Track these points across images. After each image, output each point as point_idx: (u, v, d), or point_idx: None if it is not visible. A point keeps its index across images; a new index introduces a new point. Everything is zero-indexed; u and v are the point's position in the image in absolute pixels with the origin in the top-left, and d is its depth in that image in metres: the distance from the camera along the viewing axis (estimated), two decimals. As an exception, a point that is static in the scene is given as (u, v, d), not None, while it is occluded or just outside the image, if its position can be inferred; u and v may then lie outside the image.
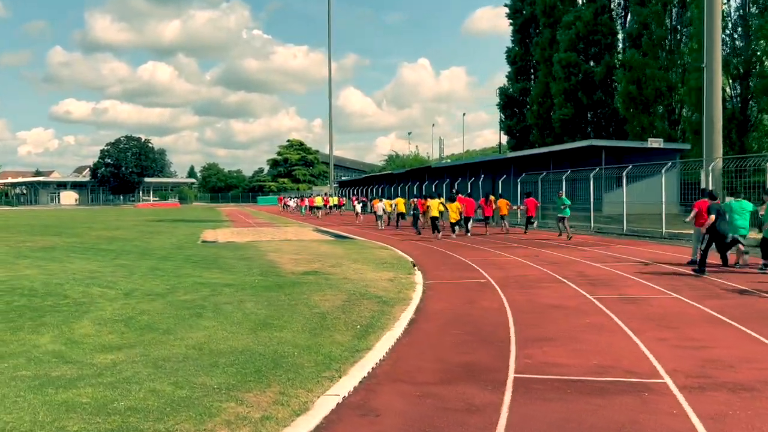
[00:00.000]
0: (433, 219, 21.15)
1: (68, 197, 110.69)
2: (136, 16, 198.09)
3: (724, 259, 12.08)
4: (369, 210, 36.11)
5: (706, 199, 12.20)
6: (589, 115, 40.30)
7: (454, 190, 41.08)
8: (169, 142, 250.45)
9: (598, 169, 23.70)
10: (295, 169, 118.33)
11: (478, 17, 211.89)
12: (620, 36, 39.97)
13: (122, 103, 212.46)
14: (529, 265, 13.13)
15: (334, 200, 53.30)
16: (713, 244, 11.54)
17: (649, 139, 28.45)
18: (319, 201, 60.97)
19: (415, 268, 12.61)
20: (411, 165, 68.39)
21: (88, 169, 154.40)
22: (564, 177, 25.17)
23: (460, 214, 21.28)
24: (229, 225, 31.84)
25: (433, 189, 39.66)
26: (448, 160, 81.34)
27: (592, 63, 39.83)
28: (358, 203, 38.17)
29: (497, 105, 51.26)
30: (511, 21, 49.54)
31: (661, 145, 28.62)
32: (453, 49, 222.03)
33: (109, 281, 10.50)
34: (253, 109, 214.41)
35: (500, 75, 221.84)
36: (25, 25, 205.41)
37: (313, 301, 8.54)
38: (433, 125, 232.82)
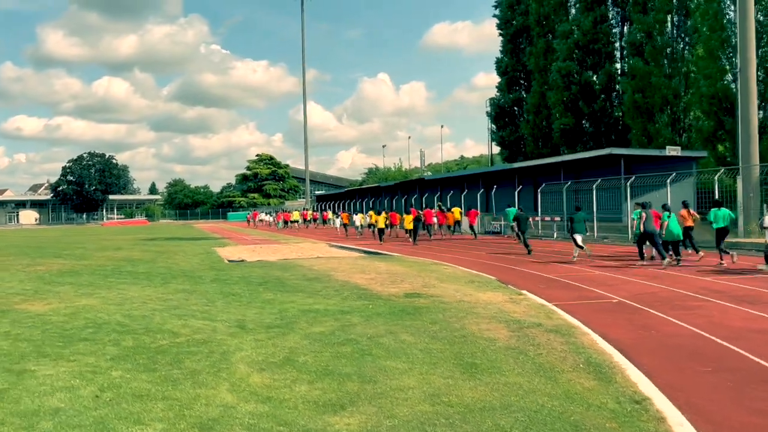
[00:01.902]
0: (380, 230, 27.61)
1: (28, 216, 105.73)
2: (90, 31, 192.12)
3: None
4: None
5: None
6: (588, 125, 40.04)
7: (439, 203, 40.35)
8: (126, 158, 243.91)
9: (634, 177, 23.08)
10: (265, 183, 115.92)
11: (436, 32, 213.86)
12: (617, 45, 39.92)
13: (76, 119, 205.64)
14: (630, 280, 12.18)
15: (309, 214, 55.70)
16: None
17: (668, 147, 28.13)
18: (296, 215, 60.87)
19: (509, 286, 11.51)
20: (395, 178, 67.44)
21: (44, 186, 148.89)
22: (595, 186, 24.51)
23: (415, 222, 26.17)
24: (230, 243, 30.12)
25: (404, 202, 39.14)
26: (429, 173, 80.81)
27: (590, 72, 39.63)
28: (337, 218, 40.05)
29: (488, 115, 50.83)
30: (501, 31, 49.29)
31: (679, 153, 28.36)
32: (412, 64, 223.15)
33: (196, 311, 9.09)
34: (212, 124, 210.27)
35: (460, 89, 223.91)
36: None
37: (479, 332, 7.35)
38: (410, 137, 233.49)
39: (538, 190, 28.40)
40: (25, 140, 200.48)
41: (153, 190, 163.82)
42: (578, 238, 16.14)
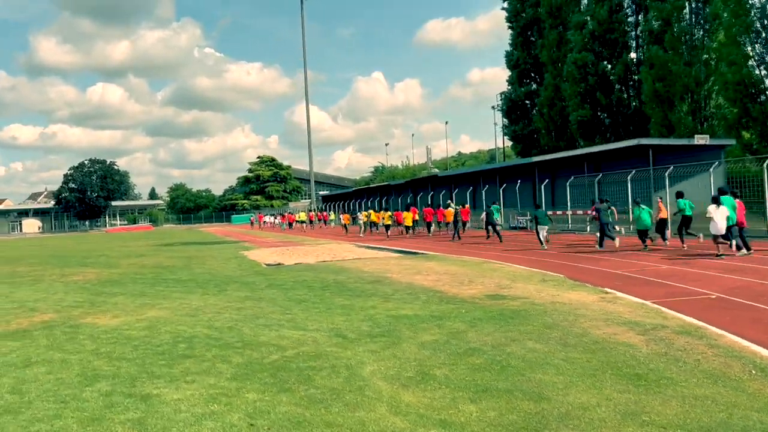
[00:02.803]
0: (386, 226, 32.15)
1: (31, 225, 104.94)
2: (83, 38, 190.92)
3: None
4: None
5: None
6: (605, 116, 39.56)
7: (449, 201, 39.87)
8: (122, 164, 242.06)
9: (672, 167, 22.59)
10: (267, 185, 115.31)
11: (430, 29, 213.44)
12: (632, 34, 39.41)
13: (71, 126, 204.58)
14: (709, 274, 11.70)
15: (303, 215, 58.52)
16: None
17: (696, 136, 27.65)
18: (303, 216, 61.79)
19: (587, 284, 11.04)
20: (403, 176, 66.89)
21: (44, 194, 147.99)
22: (629, 177, 24.02)
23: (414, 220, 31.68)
24: (252, 246, 29.56)
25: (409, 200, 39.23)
26: (436, 169, 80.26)
27: (605, 62, 39.15)
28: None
29: (500, 110, 50.36)
30: (510, 24, 48.78)
31: (708, 142, 27.91)
32: (406, 62, 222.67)
33: (281, 320, 8.58)
34: (207, 127, 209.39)
35: (454, 85, 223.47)
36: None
37: (608, 337, 6.86)
38: (413, 135, 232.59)
39: (567, 183, 27.88)
40: (21, 149, 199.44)
41: (153, 195, 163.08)
42: (542, 231, 18.98)
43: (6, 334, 8.58)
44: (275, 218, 72.89)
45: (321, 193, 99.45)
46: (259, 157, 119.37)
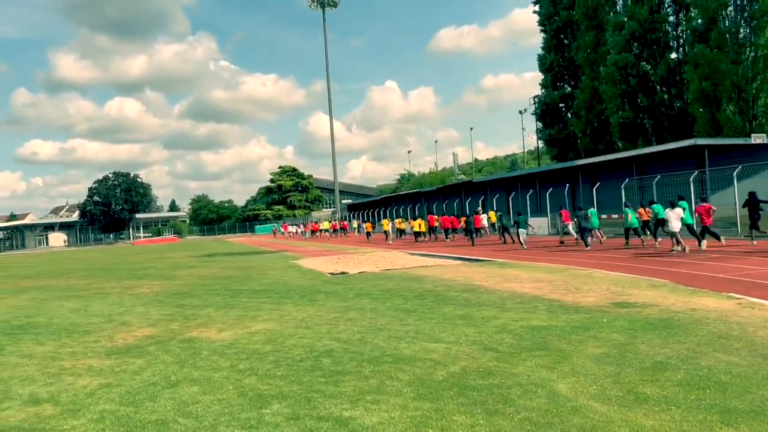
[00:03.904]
0: (416, 233, 34.42)
1: (57, 239, 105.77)
2: (101, 54, 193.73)
3: None
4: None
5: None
6: (646, 118, 38.75)
7: (478, 208, 39.30)
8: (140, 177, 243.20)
9: (740, 167, 21.80)
10: (289, 195, 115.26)
11: (442, 37, 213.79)
12: (672, 34, 38.63)
13: (90, 141, 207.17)
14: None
15: (326, 224, 61.57)
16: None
17: (753, 135, 26.94)
18: (326, 225, 63.12)
19: (707, 290, 10.40)
20: (431, 182, 66.32)
21: (66, 208, 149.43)
22: (691, 179, 23.29)
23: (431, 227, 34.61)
24: (297, 255, 29.12)
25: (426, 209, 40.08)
26: (462, 175, 79.63)
27: (646, 63, 38.40)
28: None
29: (534, 114, 49.65)
30: (543, 27, 48.18)
31: (765, 141, 27.14)
32: (419, 70, 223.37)
33: (409, 331, 8.09)
34: (223, 139, 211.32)
35: (468, 92, 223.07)
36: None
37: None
38: (437, 142, 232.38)
39: (622, 186, 27.14)
40: (41, 164, 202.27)
41: (173, 206, 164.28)
42: (522, 234, 23.24)
43: (119, 350, 8.14)
44: (298, 227, 73.48)
45: (345, 201, 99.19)
46: (280, 167, 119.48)
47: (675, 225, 16.69)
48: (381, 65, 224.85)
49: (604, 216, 28.26)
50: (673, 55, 38.73)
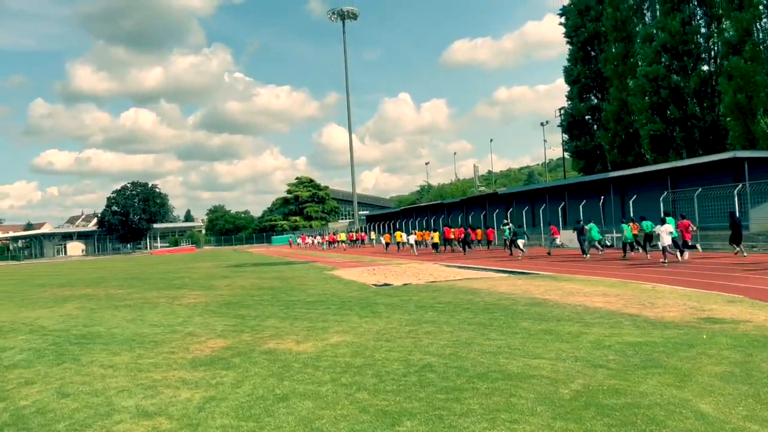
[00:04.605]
0: (434, 244, 36.36)
1: (75, 248, 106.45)
2: (117, 65, 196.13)
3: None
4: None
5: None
6: (677, 130, 38.33)
7: (506, 220, 39.06)
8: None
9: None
10: (306, 206, 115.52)
11: (456, 49, 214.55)
12: (704, 46, 38.29)
13: (105, 151, 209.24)
14: None
15: (343, 236, 63.79)
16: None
17: (795, 148, 26.44)
18: (342, 237, 63.64)
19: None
20: (452, 194, 66.06)
21: (81, 218, 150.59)
22: (735, 191, 22.89)
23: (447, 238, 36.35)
24: (327, 267, 28.93)
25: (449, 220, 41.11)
26: (483, 187, 79.33)
27: (676, 75, 38.06)
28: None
29: (560, 126, 49.38)
30: (569, 39, 48.03)
31: (807, 153, 26.72)
32: (432, 82, 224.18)
33: (500, 346, 7.87)
34: (237, 150, 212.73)
35: (481, 104, 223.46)
36: (4, 81, 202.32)
37: None
38: (455, 153, 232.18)
39: (660, 198, 26.78)
40: (57, 174, 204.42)
41: (188, 217, 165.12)
42: (521, 243, 26.60)
43: (202, 361, 7.95)
44: (315, 238, 73.84)
45: (362, 213, 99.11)
46: (297, 179, 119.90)
47: (666, 239, 18.54)
48: (394, 77, 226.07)
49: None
50: (704, 67, 38.38)
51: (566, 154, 50.62)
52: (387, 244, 45.39)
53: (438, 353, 7.60)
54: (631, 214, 28.62)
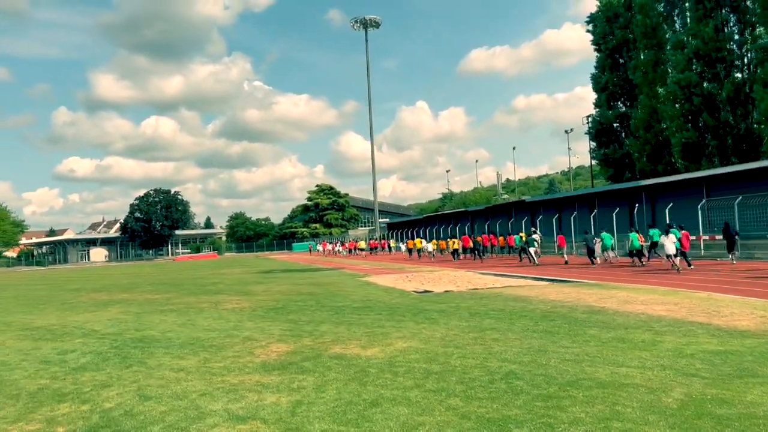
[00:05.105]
0: (454, 251, 36.87)
1: (98, 254, 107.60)
2: (139, 74, 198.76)
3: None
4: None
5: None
6: (709, 138, 37.77)
7: (533, 228, 38.68)
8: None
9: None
10: (326, 213, 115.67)
11: (474, 58, 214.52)
12: (737, 52, 37.73)
13: (125, 159, 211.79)
14: None
15: (363, 243, 64.54)
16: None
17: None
18: (362, 244, 63.88)
19: None
20: (476, 201, 65.74)
21: (103, 224, 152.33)
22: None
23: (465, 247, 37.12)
24: (357, 274, 28.82)
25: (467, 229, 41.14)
26: (506, 195, 78.90)
27: (708, 83, 37.53)
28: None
29: (587, 133, 48.96)
30: (597, 46, 47.66)
31: None
32: (450, 91, 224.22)
33: (576, 354, 7.69)
34: (256, 158, 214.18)
35: (499, 113, 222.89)
36: (29, 90, 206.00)
37: None
38: (477, 161, 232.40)
39: (698, 207, 26.34)
40: (79, 181, 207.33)
41: (208, 224, 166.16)
42: (532, 250, 27.97)
43: (274, 365, 7.88)
44: (335, 245, 74.01)
45: (382, 220, 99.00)
46: (317, 186, 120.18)
47: (670, 248, 19.85)
48: (412, 86, 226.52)
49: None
50: (738, 75, 37.83)
51: (593, 162, 50.14)
52: (410, 250, 46.19)
53: (515, 360, 7.45)
54: (667, 222, 28.17)
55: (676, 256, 20.03)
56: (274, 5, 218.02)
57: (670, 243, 19.90)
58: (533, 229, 38.19)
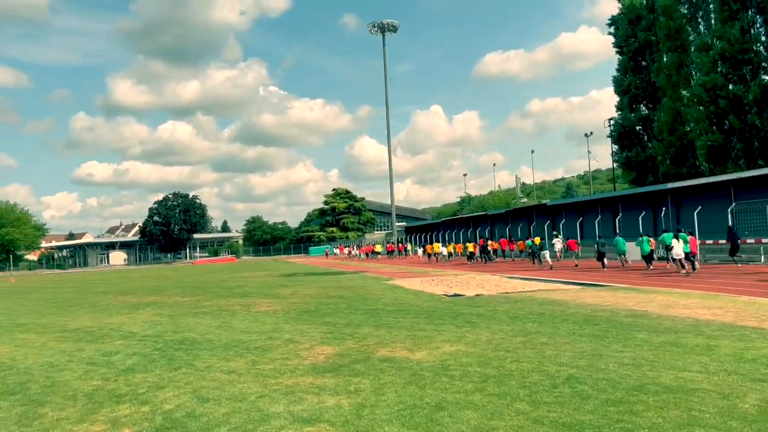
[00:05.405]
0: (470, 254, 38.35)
1: (117, 257, 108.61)
2: (156, 79, 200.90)
3: None
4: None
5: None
6: (733, 140, 37.28)
7: (554, 231, 38.34)
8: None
9: None
10: (343, 217, 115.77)
11: (488, 61, 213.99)
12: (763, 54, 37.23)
13: (142, 163, 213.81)
14: None
15: (379, 247, 64.60)
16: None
17: None
18: (379, 248, 63.98)
19: None
20: (495, 205, 65.47)
21: (121, 228, 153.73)
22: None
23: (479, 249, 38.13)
24: (382, 276, 28.74)
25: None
26: (525, 198, 78.46)
27: (732, 86, 37.06)
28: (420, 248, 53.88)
29: (609, 137, 48.56)
30: (619, 49, 47.29)
31: None
32: (465, 94, 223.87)
33: (633, 359, 7.47)
34: (271, 162, 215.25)
35: (514, 116, 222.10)
36: (49, 96, 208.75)
37: None
38: (494, 165, 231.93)
39: (728, 210, 25.94)
40: (96, 185, 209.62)
41: (225, 227, 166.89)
42: (547, 254, 29.59)
43: (324, 368, 7.82)
44: (351, 249, 74.23)
45: (398, 224, 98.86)
46: (334, 190, 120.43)
47: (679, 253, 20.70)
48: (426, 90, 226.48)
49: (710, 242, 27.13)
50: (765, 77, 37.33)
51: (615, 165, 49.67)
52: (429, 254, 47.08)
53: (572, 364, 7.32)
54: (696, 226, 27.81)
55: (687, 259, 20.79)
56: (290, 11, 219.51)
57: (679, 247, 20.85)
58: (555, 233, 37.91)
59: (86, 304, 21.06)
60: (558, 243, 33.35)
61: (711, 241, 26.92)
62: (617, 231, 34.83)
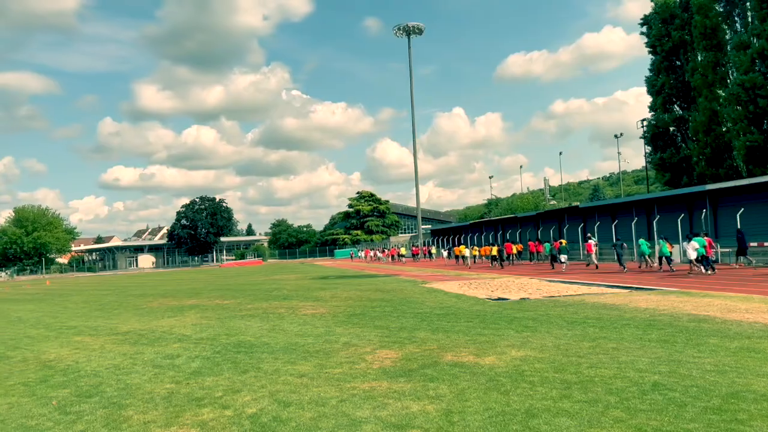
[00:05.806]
0: (492, 257, 38.33)
1: (146, 260, 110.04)
2: (181, 84, 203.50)
3: None
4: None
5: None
6: (773, 141, 36.42)
7: (588, 234, 37.75)
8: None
9: None
10: (367, 220, 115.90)
11: (511, 63, 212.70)
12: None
13: (168, 167, 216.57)
14: None
15: (404, 250, 65.61)
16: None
17: None
18: (403, 251, 63.66)
19: None
20: (524, 208, 64.93)
21: (147, 232, 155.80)
22: None
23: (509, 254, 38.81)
24: (417, 280, 28.60)
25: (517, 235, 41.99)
26: (554, 201, 77.71)
27: (772, 84, 36.20)
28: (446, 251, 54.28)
29: (642, 138, 47.84)
30: (651, 48, 46.54)
31: None
32: (487, 96, 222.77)
33: (716, 366, 7.31)
34: (293, 166, 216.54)
35: (537, 118, 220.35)
36: (77, 101, 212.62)
37: None
38: (521, 167, 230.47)
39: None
40: (123, 189, 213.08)
41: (250, 230, 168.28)
42: (563, 258, 29.60)
43: (394, 372, 7.75)
44: (376, 252, 74.31)
45: (424, 227, 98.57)
46: (358, 193, 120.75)
47: (691, 254, 21.45)
48: (448, 92, 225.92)
49: (754, 244, 26.53)
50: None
51: (648, 167, 48.89)
52: (457, 257, 47.00)
53: (653, 371, 7.15)
54: (738, 227, 27.22)
55: (699, 261, 21.49)
56: (312, 15, 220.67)
57: (691, 249, 21.37)
58: (589, 235, 37.41)
59: (129, 307, 21.32)
60: (593, 245, 32.90)
61: (755, 244, 26.31)
62: (653, 233, 34.28)
